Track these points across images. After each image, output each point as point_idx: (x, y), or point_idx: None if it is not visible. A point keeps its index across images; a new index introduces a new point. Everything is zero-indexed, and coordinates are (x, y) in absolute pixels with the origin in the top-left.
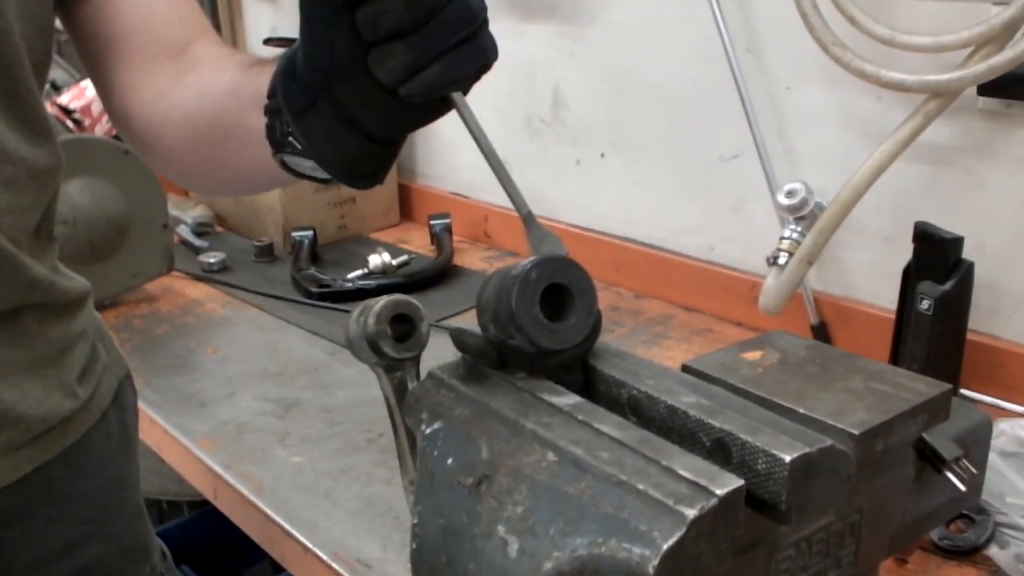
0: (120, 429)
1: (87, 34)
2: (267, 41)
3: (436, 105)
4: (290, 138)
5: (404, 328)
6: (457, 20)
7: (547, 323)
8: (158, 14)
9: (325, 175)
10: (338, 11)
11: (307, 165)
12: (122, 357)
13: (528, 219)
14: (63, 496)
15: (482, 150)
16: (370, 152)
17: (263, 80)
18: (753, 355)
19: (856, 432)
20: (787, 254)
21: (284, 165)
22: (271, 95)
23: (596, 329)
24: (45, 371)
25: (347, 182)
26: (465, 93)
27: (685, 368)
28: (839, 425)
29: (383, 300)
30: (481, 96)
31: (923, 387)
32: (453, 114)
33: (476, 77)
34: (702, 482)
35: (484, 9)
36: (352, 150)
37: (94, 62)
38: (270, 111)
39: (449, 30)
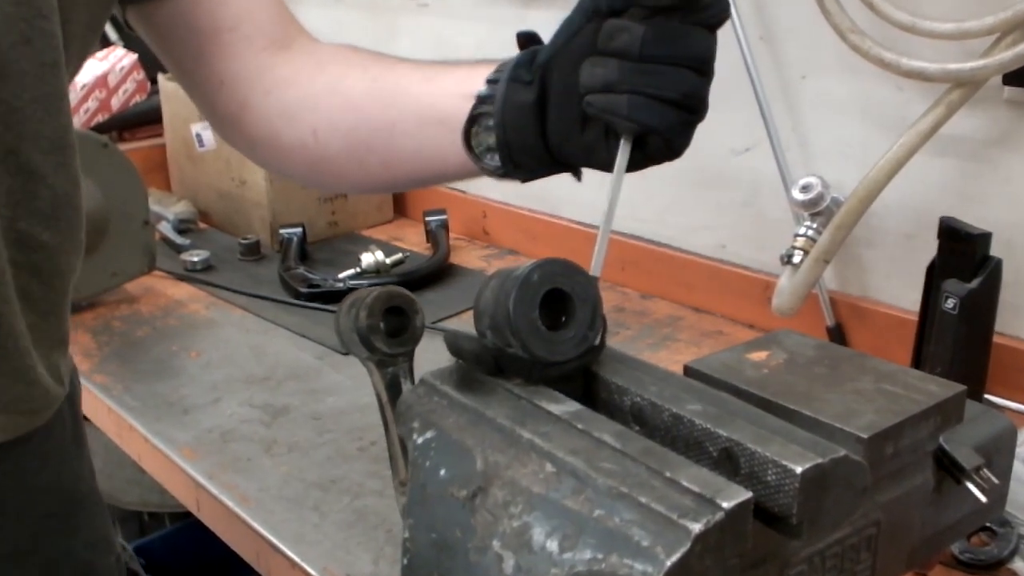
0: (72, 419)
1: (184, 30)
2: (520, 35)
3: (598, 144)
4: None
5: (397, 322)
6: (674, 80)
7: (544, 331)
8: (262, 5)
9: (493, 161)
10: (597, 11)
11: (487, 142)
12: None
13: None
14: (31, 488)
15: (608, 206)
16: (536, 148)
17: (468, 73)
18: (758, 355)
19: (865, 436)
20: (802, 252)
21: (467, 140)
22: (499, 69)
23: (600, 343)
24: (59, 352)
25: (505, 164)
26: (634, 165)
27: (687, 369)
28: (847, 428)
29: (375, 292)
30: None
31: (935, 388)
32: None
33: (653, 151)
34: (708, 494)
35: (702, 102)
36: (527, 136)
37: (193, 59)
38: (490, 80)
39: (661, 81)
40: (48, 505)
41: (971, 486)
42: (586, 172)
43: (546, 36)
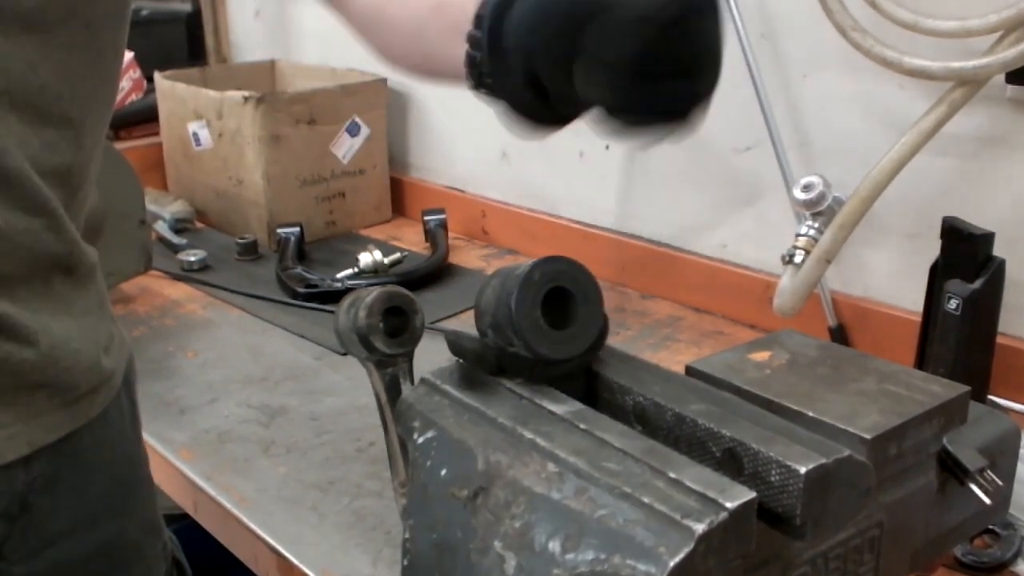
0: (130, 407)
1: None
2: None
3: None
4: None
5: (397, 322)
6: (668, 99)
7: (547, 330)
8: None
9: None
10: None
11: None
12: (126, 338)
13: None
14: (89, 468)
15: None
16: (540, 110)
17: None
18: (761, 356)
19: (868, 436)
20: (803, 252)
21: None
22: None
23: (600, 340)
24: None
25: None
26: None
27: (689, 370)
28: (850, 429)
29: (375, 291)
30: None
31: (939, 389)
32: (454, 108)
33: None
34: (711, 495)
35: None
36: (527, 106)
37: None
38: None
39: (655, 102)
40: (104, 485)
41: (975, 488)
42: (585, 171)
43: None
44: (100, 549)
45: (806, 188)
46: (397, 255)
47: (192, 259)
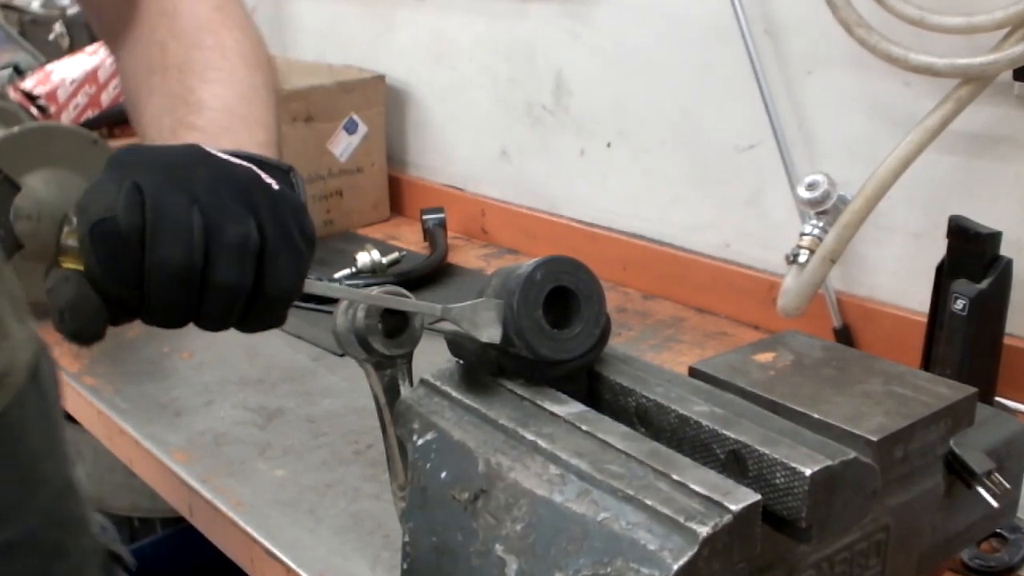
0: (39, 401)
1: None
2: None
3: None
4: None
5: (395, 322)
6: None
7: (549, 330)
8: None
9: None
10: None
11: None
12: (33, 330)
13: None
14: None
15: None
16: None
17: None
18: (765, 357)
19: (874, 438)
20: (808, 251)
21: None
22: None
23: (602, 340)
24: None
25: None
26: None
27: (692, 370)
28: (856, 431)
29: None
30: (479, 82)
31: (946, 391)
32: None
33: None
34: (715, 497)
35: None
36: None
37: None
38: None
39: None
40: (2, 485)
41: (982, 491)
42: (586, 169)
43: (549, 36)
44: (3, 552)
45: (810, 187)
46: (395, 255)
47: None
